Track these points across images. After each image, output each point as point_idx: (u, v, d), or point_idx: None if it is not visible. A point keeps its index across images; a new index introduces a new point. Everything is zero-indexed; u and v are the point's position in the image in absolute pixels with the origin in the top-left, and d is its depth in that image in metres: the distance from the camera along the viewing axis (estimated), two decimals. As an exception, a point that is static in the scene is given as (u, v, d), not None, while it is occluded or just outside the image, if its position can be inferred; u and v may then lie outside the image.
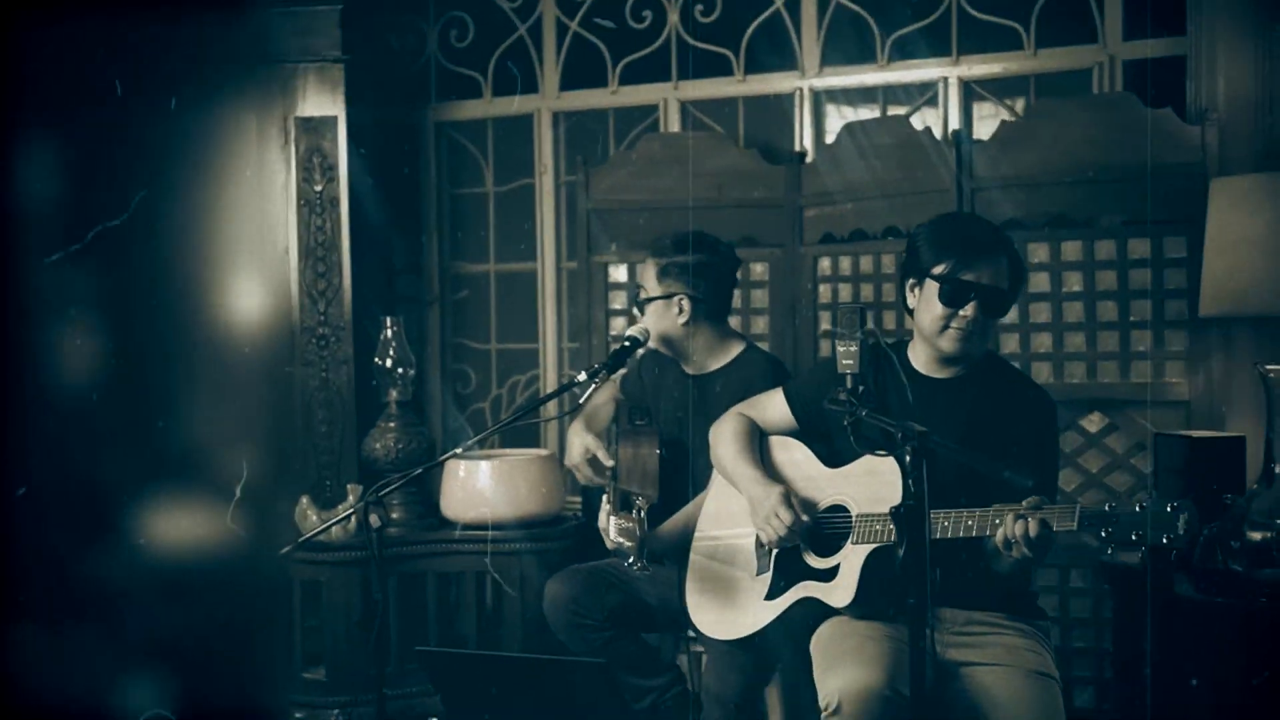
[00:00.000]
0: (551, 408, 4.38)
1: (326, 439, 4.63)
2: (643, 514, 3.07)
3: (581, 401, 3.41)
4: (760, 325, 4.38)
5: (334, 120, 4.50)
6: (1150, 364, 3.79)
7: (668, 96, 4.73)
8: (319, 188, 4.51)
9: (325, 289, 4.56)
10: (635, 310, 3.62)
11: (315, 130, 4.50)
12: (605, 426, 3.67)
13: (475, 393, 5.11)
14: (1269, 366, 2.94)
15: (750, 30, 4.60)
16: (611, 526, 3.20)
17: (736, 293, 4.40)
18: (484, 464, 3.97)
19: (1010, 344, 3.89)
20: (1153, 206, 3.77)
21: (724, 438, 3.15)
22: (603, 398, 3.80)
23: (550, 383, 4.93)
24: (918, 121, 4.32)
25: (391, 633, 4.17)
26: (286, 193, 4.52)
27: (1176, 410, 3.75)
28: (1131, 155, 3.76)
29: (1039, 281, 3.87)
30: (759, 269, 4.36)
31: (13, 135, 1.56)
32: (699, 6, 4.66)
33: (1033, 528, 2.54)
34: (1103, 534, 2.48)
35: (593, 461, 3.61)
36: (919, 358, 2.94)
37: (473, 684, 2.79)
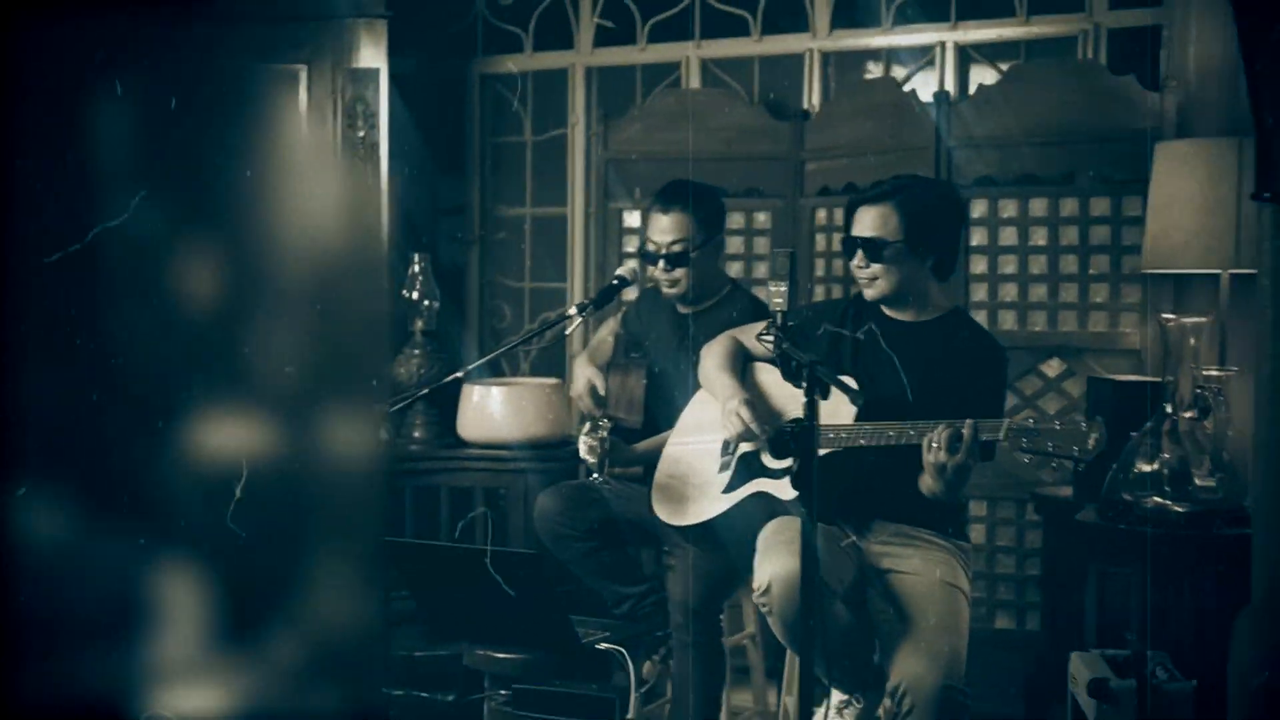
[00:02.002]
0: (576, 342, 4.81)
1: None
2: (604, 433, 3.43)
3: (567, 332, 3.80)
4: (761, 270, 4.71)
5: (376, 72, 4.88)
6: (1106, 315, 4.07)
7: (690, 54, 5.04)
8: (361, 134, 4.91)
9: (364, 227, 4.97)
10: (644, 261, 3.91)
11: (360, 81, 4.90)
12: (607, 359, 4.04)
13: (510, 326, 5.50)
14: (1166, 316, 3.22)
15: (767, -7, 4.90)
16: (581, 443, 3.57)
17: (740, 239, 4.75)
18: (495, 390, 4.36)
19: (979, 293, 4.19)
20: (1112, 168, 4.04)
21: (712, 353, 3.54)
22: (606, 332, 4.18)
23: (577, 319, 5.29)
24: (917, 82, 4.60)
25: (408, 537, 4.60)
26: (334, 138, 4.92)
27: (1130, 358, 4.03)
28: (1097, 119, 4.03)
29: (1008, 235, 4.16)
30: (762, 218, 4.69)
31: (16, 133, 1.90)
32: (721, -31, 4.97)
33: (948, 433, 2.88)
34: (1023, 443, 2.83)
35: (593, 392, 3.99)
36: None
37: (433, 574, 3.23)
